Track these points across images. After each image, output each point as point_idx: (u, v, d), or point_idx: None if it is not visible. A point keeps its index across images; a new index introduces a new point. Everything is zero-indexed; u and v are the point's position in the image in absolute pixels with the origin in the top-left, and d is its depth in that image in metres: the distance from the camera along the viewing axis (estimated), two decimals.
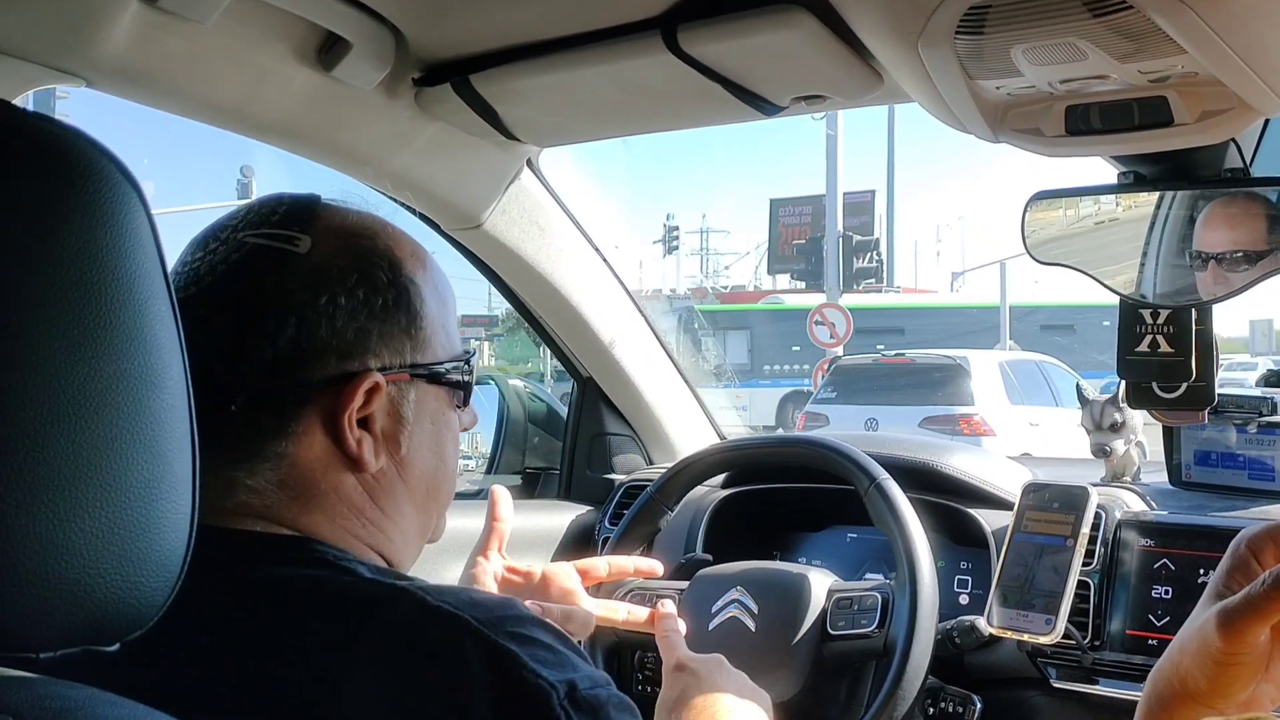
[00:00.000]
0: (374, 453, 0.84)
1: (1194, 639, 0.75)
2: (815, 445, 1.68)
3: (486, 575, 1.21)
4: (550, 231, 1.84)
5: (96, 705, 0.53)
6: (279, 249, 0.82)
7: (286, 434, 0.81)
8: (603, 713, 0.72)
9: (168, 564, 0.57)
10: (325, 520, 0.83)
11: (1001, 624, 1.54)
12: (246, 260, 0.81)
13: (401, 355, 0.85)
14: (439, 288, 0.89)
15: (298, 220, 0.84)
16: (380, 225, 0.88)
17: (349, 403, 0.81)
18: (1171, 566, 1.57)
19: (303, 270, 0.82)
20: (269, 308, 0.80)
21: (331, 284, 0.82)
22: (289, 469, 0.81)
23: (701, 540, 1.92)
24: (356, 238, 0.85)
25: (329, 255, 0.83)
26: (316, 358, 0.81)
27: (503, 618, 0.74)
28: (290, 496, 0.81)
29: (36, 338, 0.52)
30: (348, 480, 0.83)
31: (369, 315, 0.83)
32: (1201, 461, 1.80)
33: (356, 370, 0.82)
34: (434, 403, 0.88)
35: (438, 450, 0.90)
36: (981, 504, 1.78)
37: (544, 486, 2.32)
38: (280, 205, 0.85)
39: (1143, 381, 1.28)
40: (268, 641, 0.73)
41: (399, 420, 0.85)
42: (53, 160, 0.55)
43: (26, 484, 0.52)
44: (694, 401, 2.26)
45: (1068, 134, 1.19)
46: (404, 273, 0.86)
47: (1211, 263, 1.23)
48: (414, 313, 0.86)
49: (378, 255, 0.85)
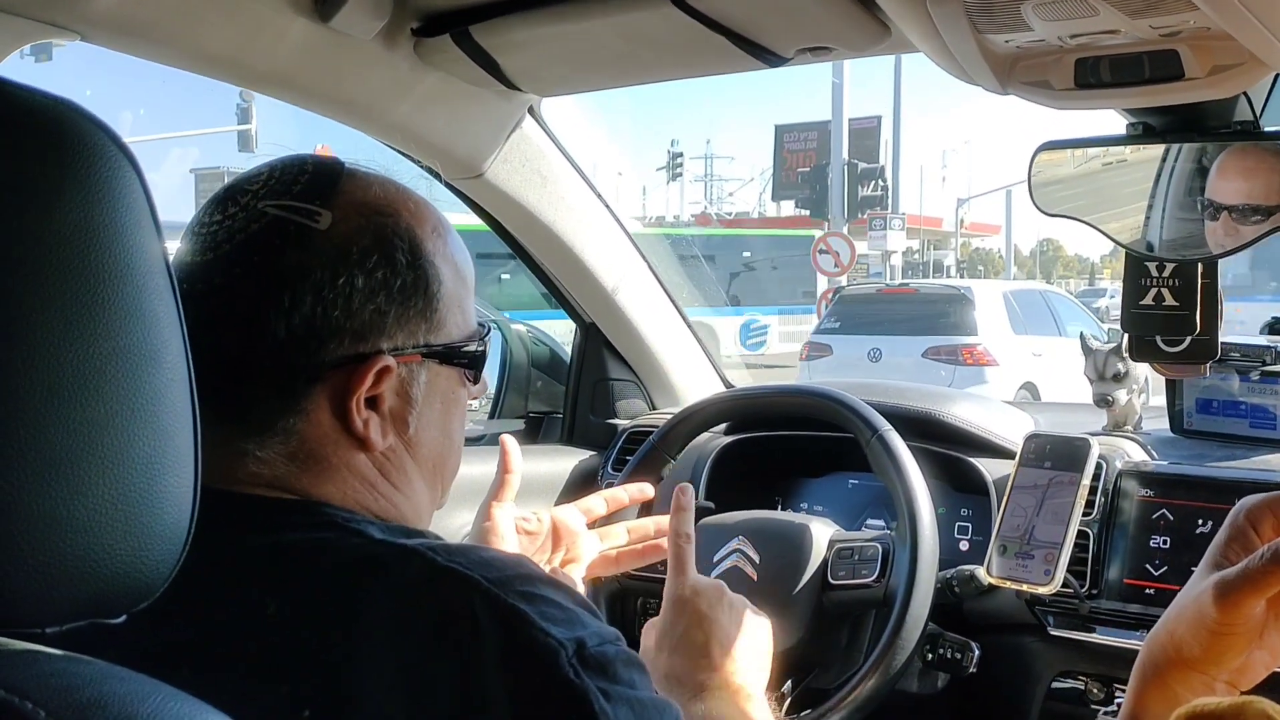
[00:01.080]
0: (381, 433, 0.83)
1: (1190, 608, 0.76)
2: (819, 396, 1.68)
3: (502, 525, 1.19)
4: (552, 179, 1.83)
5: (104, 681, 0.54)
6: (299, 224, 0.81)
7: (296, 410, 0.81)
8: (611, 669, 0.73)
9: (172, 537, 0.58)
10: (336, 491, 0.83)
11: (1001, 574, 1.56)
12: (265, 232, 0.80)
13: (415, 337, 0.84)
14: (458, 263, 0.88)
15: (319, 193, 0.82)
16: (403, 200, 0.86)
17: (359, 384, 0.81)
18: (1170, 517, 1.58)
19: (322, 248, 0.80)
20: (286, 284, 0.79)
21: (351, 264, 0.81)
22: (298, 443, 0.81)
23: (704, 487, 1.93)
24: (379, 215, 0.84)
25: (350, 234, 0.81)
26: (330, 337, 0.80)
27: (513, 576, 0.75)
28: (301, 469, 0.82)
29: (34, 316, 0.52)
30: (358, 457, 0.83)
31: (387, 298, 0.82)
32: (1203, 409, 1.80)
33: (369, 352, 0.81)
34: (444, 383, 0.88)
35: (445, 428, 0.90)
36: (983, 453, 1.79)
37: (547, 431, 2.32)
38: (303, 174, 0.84)
39: (1147, 335, 1.28)
40: (278, 605, 0.74)
41: (408, 401, 0.85)
42: (46, 135, 0.55)
43: (28, 462, 0.52)
44: (697, 347, 2.26)
45: (1077, 87, 1.18)
46: (424, 253, 0.84)
47: (1224, 213, 1.22)
48: (431, 294, 0.85)
49: (399, 236, 0.83)
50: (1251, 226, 1.19)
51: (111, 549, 0.54)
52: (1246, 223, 1.20)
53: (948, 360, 10.68)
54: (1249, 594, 0.72)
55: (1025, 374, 10.66)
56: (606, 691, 0.71)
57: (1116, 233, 1.28)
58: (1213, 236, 1.23)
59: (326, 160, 0.87)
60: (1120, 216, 1.30)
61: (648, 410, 2.25)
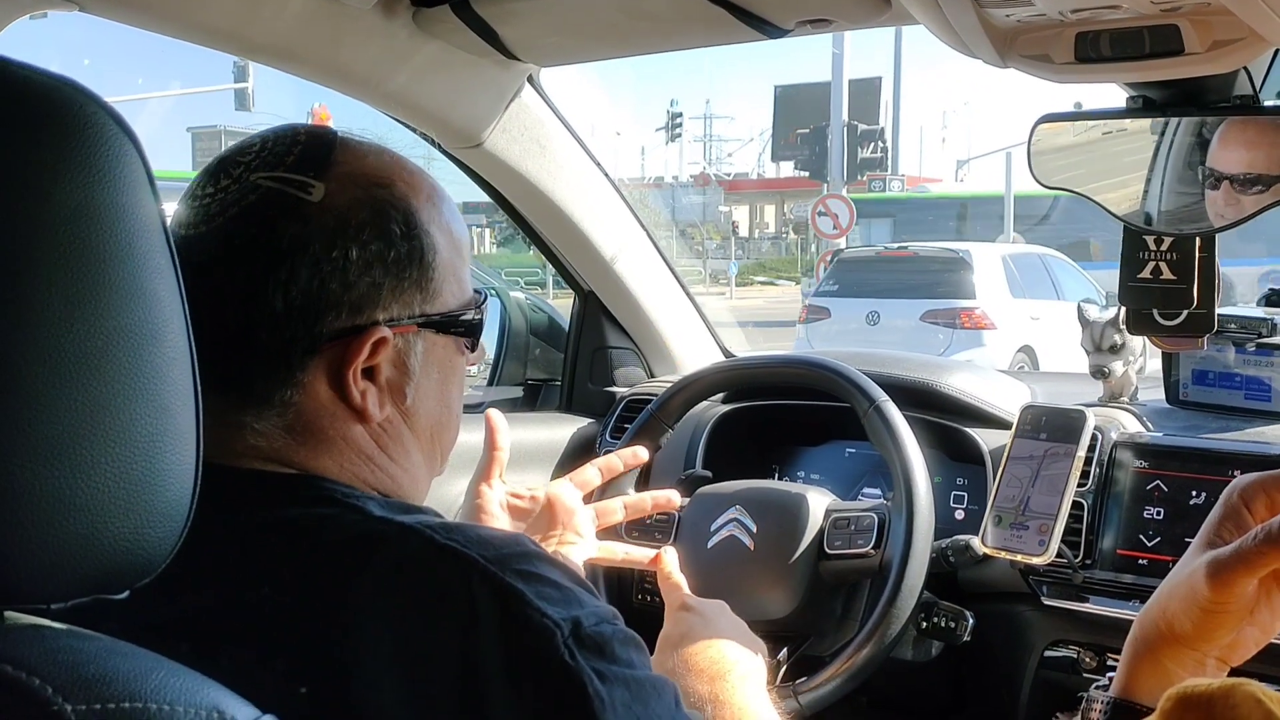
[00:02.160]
0: (378, 404, 0.84)
1: (1182, 585, 0.77)
2: (816, 366, 1.69)
3: (491, 504, 1.21)
4: (552, 149, 1.83)
5: (109, 657, 0.54)
6: (293, 196, 0.80)
7: (293, 383, 0.81)
8: (608, 649, 0.73)
9: (174, 514, 0.58)
10: (334, 465, 0.83)
11: (995, 545, 1.57)
12: (259, 205, 0.80)
13: (411, 308, 0.84)
14: (453, 231, 0.88)
15: (313, 164, 0.82)
16: (397, 169, 0.86)
17: (355, 356, 0.81)
18: (1164, 488, 1.59)
19: (317, 220, 0.80)
20: (282, 258, 0.79)
21: (346, 237, 0.80)
22: (295, 416, 0.82)
23: (701, 456, 1.94)
24: (373, 186, 0.83)
25: (345, 205, 0.81)
26: (327, 310, 0.80)
27: (510, 555, 0.75)
28: (299, 441, 0.82)
29: (36, 297, 0.53)
30: (355, 429, 0.84)
31: (382, 269, 0.82)
32: (1199, 380, 1.81)
33: (365, 324, 0.81)
34: (441, 352, 0.88)
35: (443, 398, 0.90)
36: (979, 423, 1.80)
37: (545, 399, 2.33)
38: (295, 145, 0.83)
39: (1143, 308, 1.28)
40: (277, 581, 0.74)
41: (405, 371, 0.85)
42: (47, 115, 0.55)
43: (32, 441, 0.52)
44: (696, 315, 2.26)
45: (1077, 61, 1.17)
46: (419, 223, 0.84)
47: (1225, 182, 1.22)
48: (426, 264, 0.84)
49: (394, 207, 0.83)
50: (1252, 197, 1.19)
51: (115, 526, 0.55)
52: (1247, 193, 1.20)
53: (946, 323, 10.67)
54: (1241, 573, 0.73)
55: (1023, 338, 10.65)
56: (602, 672, 0.72)
57: (1114, 204, 1.28)
58: (1213, 206, 1.23)
59: (319, 130, 0.86)
60: (1119, 188, 1.30)
61: (646, 378, 2.26)
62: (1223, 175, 1.21)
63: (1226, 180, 1.21)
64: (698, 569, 1.60)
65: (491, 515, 1.19)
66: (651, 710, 0.74)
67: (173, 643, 0.60)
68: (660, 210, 25.72)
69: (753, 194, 45.50)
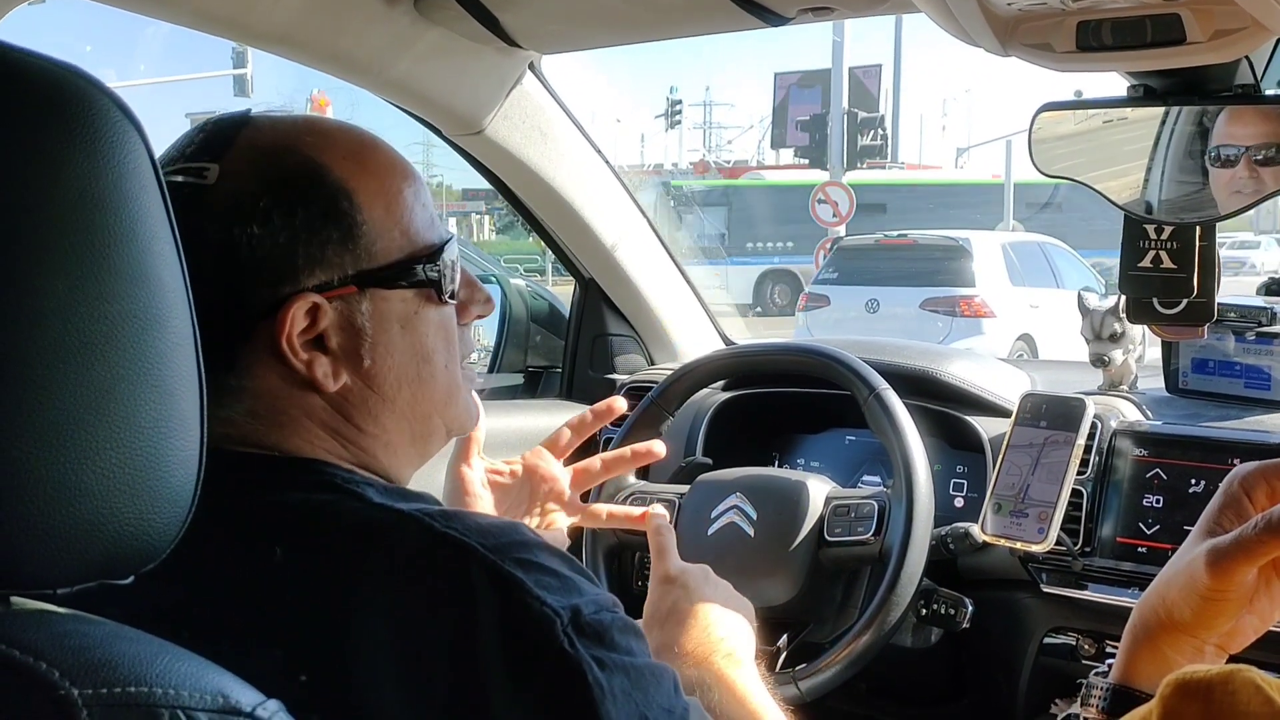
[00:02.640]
0: (330, 372, 0.82)
1: (1182, 573, 0.77)
2: (816, 354, 1.69)
3: (473, 484, 1.17)
4: (553, 136, 1.83)
5: (114, 641, 0.55)
6: (191, 184, 0.79)
7: (237, 368, 0.80)
8: (607, 637, 0.73)
9: (178, 499, 0.59)
10: (305, 444, 0.82)
11: (995, 532, 1.57)
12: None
13: (340, 268, 0.81)
14: (388, 185, 0.85)
15: (210, 149, 0.81)
16: (305, 132, 0.83)
17: (283, 328, 0.79)
18: (1164, 476, 1.60)
19: (211, 204, 0.78)
20: (190, 248, 0.78)
21: (243, 213, 0.79)
22: (253, 400, 0.81)
23: (701, 443, 1.94)
24: (268, 156, 0.81)
25: (238, 181, 0.79)
26: (244, 288, 0.79)
27: (509, 544, 0.75)
28: (266, 424, 0.81)
29: (40, 282, 0.53)
30: (315, 402, 0.82)
31: (289, 236, 0.79)
32: (1199, 369, 1.81)
33: (287, 294, 0.79)
34: (400, 305, 0.85)
35: (415, 352, 0.86)
36: (979, 411, 1.80)
37: (545, 386, 2.33)
38: (200, 134, 0.82)
39: (1143, 297, 1.28)
40: (277, 567, 0.74)
41: (356, 334, 0.83)
42: (51, 101, 0.55)
43: (37, 427, 0.53)
44: (696, 303, 2.27)
45: (1078, 50, 1.17)
46: (330, 182, 0.81)
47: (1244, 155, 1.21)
48: (350, 221, 0.81)
49: (296, 170, 0.81)
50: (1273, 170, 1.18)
51: (120, 512, 0.55)
52: (1269, 166, 1.18)
53: (945, 311, 10.67)
54: (1241, 562, 0.73)
55: (1022, 326, 10.65)
56: (601, 660, 0.72)
57: (1115, 193, 1.28)
58: (1227, 186, 1.22)
59: (232, 115, 0.85)
60: (1119, 176, 1.30)
61: (646, 366, 2.26)
62: (1241, 150, 1.20)
63: (1247, 152, 1.20)
64: (698, 555, 1.60)
65: (475, 496, 1.16)
66: (650, 698, 0.74)
67: (176, 628, 0.60)
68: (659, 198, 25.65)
69: None
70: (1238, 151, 1.20)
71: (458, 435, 0.95)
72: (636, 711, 0.72)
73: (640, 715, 0.72)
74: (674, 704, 0.76)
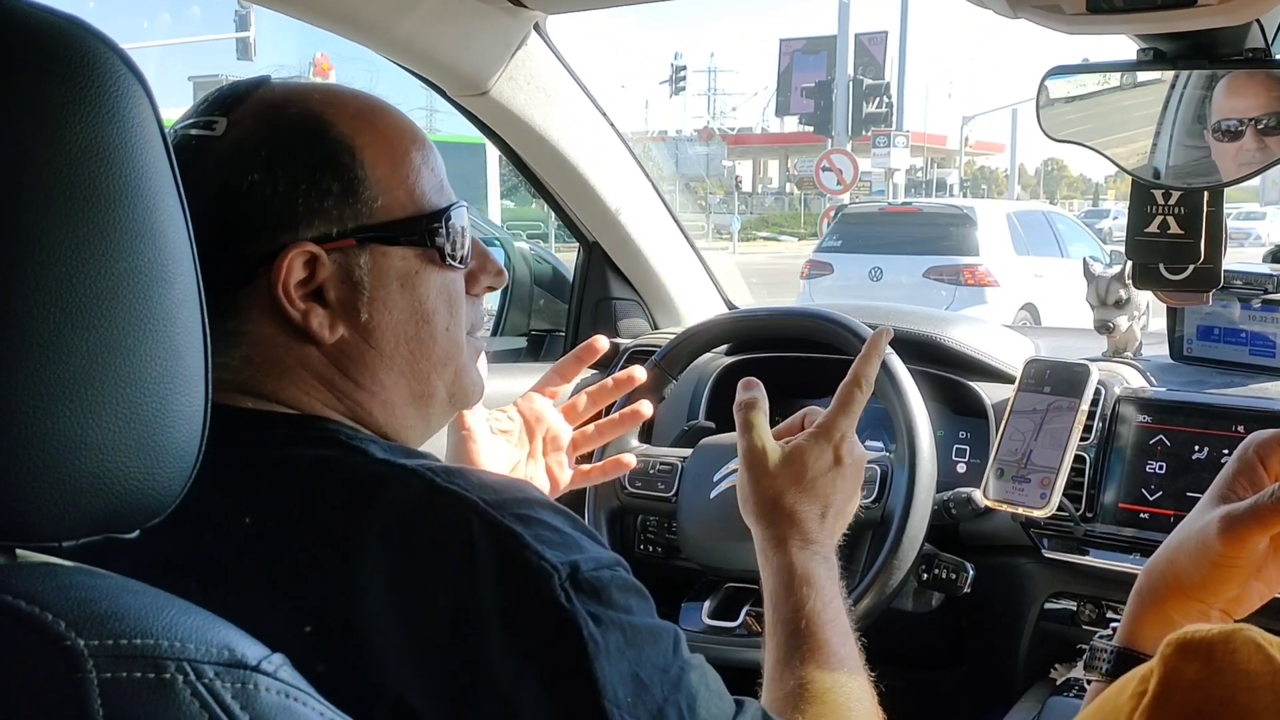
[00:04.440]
0: (327, 324, 0.83)
1: (1193, 538, 0.77)
2: (820, 318, 1.69)
3: (479, 431, 1.16)
4: (558, 98, 1.81)
5: (121, 594, 0.55)
6: (199, 136, 0.82)
7: (237, 313, 0.82)
8: (605, 594, 0.74)
9: (184, 454, 0.59)
10: (300, 394, 0.83)
11: (997, 497, 1.58)
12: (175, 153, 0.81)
13: (341, 222, 0.83)
14: (396, 146, 0.86)
15: (222, 104, 0.83)
16: (312, 91, 0.86)
17: (280, 276, 0.81)
18: (1167, 442, 1.60)
19: (218, 153, 0.81)
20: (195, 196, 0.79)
21: (248, 162, 0.81)
22: (250, 346, 0.82)
23: (704, 407, 1.94)
24: (277, 109, 0.83)
25: (245, 133, 0.82)
26: (246, 236, 0.81)
27: (510, 499, 0.75)
28: (263, 372, 0.83)
29: (46, 238, 0.53)
30: (312, 353, 0.83)
31: (289, 185, 0.81)
32: (1204, 336, 1.81)
33: (285, 243, 0.81)
34: (400, 263, 0.86)
35: (416, 309, 0.87)
36: (983, 377, 1.80)
37: (549, 349, 2.33)
38: (215, 93, 0.85)
39: (1150, 262, 1.28)
40: (282, 522, 0.75)
41: (354, 288, 0.84)
42: (54, 54, 0.55)
43: (43, 383, 0.53)
44: (700, 268, 2.26)
45: (1088, 11, 1.16)
46: (332, 136, 0.83)
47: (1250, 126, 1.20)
48: (349, 175, 0.83)
49: (293, 121, 0.83)
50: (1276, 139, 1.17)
51: (125, 467, 0.56)
52: (1273, 135, 1.18)
53: (949, 280, 10.64)
54: (1255, 530, 0.73)
55: (1026, 295, 10.63)
56: (597, 616, 0.72)
57: (1123, 158, 1.27)
58: (1235, 157, 1.22)
59: (248, 79, 0.86)
60: (1127, 141, 1.29)
61: (650, 330, 2.26)
62: (1245, 120, 1.20)
63: (1252, 123, 1.19)
64: (702, 518, 1.61)
65: (480, 443, 1.15)
66: (645, 655, 0.74)
67: (181, 582, 0.60)
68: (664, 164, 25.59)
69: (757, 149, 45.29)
70: (1240, 124, 1.19)
71: (461, 407, 0.95)
72: (629, 669, 0.72)
73: (633, 673, 0.72)
74: (670, 663, 0.76)
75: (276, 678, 0.55)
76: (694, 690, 0.76)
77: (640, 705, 0.71)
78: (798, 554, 1.04)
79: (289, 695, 0.55)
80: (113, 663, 0.51)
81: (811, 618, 1.00)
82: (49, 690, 0.51)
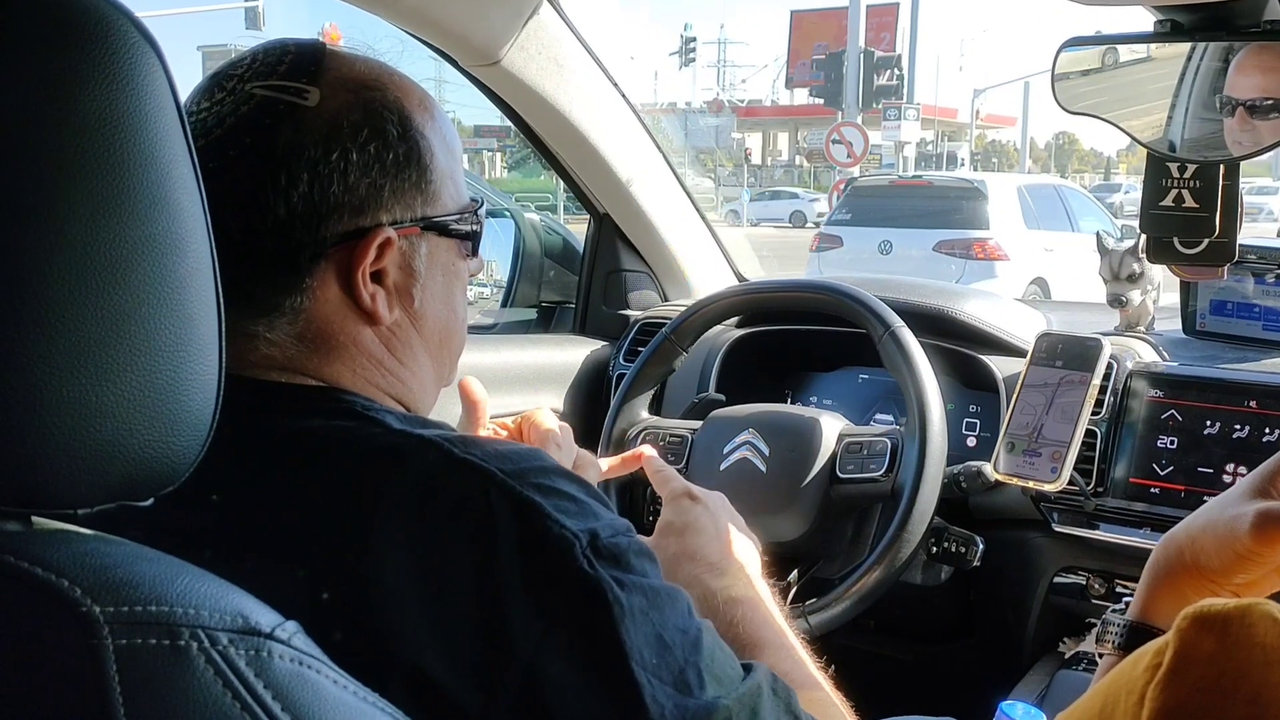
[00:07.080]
0: (388, 306, 0.85)
1: (1220, 524, 0.76)
2: (832, 291, 1.68)
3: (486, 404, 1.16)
4: (569, 68, 1.80)
5: (135, 561, 0.55)
6: (288, 101, 0.81)
7: (301, 289, 0.82)
8: (624, 559, 0.74)
9: (198, 422, 0.59)
10: (347, 371, 0.84)
11: (1007, 471, 1.58)
12: (256, 113, 0.80)
13: (412, 209, 0.85)
14: (447, 138, 0.89)
15: (305, 71, 0.83)
16: (388, 75, 0.87)
17: (362, 258, 0.82)
18: (1179, 418, 1.59)
19: (314, 124, 0.81)
20: (282, 164, 0.79)
21: (343, 139, 0.81)
22: (306, 323, 0.83)
23: (714, 380, 1.94)
24: (366, 89, 0.84)
25: (339, 108, 0.82)
26: (330, 213, 0.81)
27: (528, 469, 0.76)
28: (311, 349, 0.83)
29: (60, 206, 0.53)
30: (365, 333, 0.85)
31: (381, 170, 0.83)
32: (1217, 310, 1.80)
33: (369, 225, 0.82)
34: (445, 254, 0.89)
35: (448, 301, 0.91)
36: (994, 350, 1.80)
37: (559, 321, 2.33)
38: (287, 55, 0.84)
39: (1164, 236, 1.27)
40: (298, 491, 0.75)
41: (411, 273, 0.86)
42: (69, 21, 0.54)
43: (58, 350, 0.53)
44: (711, 240, 2.25)
45: None
46: (414, 125, 0.85)
47: (1240, 109, 1.20)
48: (424, 166, 0.85)
49: (388, 108, 0.84)
50: (1270, 123, 1.17)
51: (139, 434, 0.56)
52: (1266, 119, 1.18)
53: (959, 254, 10.59)
54: None
55: (1036, 269, 10.58)
56: (620, 580, 0.73)
57: (1138, 131, 1.26)
58: (1229, 135, 1.22)
59: (308, 41, 0.87)
60: (1143, 114, 1.28)
61: (660, 302, 2.26)
62: (1238, 102, 1.19)
63: (1241, 106, 1.19)
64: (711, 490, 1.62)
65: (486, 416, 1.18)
66: (666, 617, 0.75)
67: (196, 549, 0.60)
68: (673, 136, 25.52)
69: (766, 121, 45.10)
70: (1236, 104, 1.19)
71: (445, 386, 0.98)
72: (653, 631, 0.73)
73: (656, 635, 0.73)
74: (688, 625, 0.77)
75: (290, 645, 0.55)
76: (711, 650, 0.77)
77: (664, 666, 0.72)
78: (721, 599, 1.03)
79: (303, 663, 0.56)
80: (128, 629, 0.51)
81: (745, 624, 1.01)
82: (65, 656, 0.51)
